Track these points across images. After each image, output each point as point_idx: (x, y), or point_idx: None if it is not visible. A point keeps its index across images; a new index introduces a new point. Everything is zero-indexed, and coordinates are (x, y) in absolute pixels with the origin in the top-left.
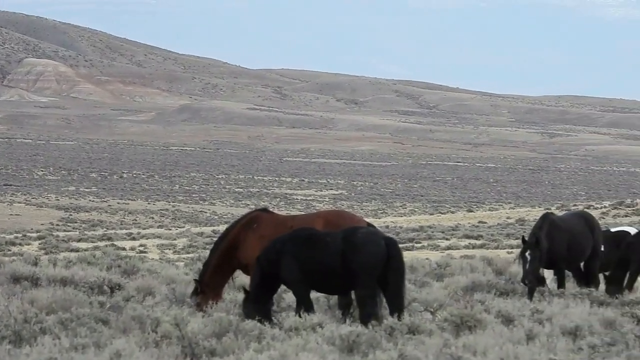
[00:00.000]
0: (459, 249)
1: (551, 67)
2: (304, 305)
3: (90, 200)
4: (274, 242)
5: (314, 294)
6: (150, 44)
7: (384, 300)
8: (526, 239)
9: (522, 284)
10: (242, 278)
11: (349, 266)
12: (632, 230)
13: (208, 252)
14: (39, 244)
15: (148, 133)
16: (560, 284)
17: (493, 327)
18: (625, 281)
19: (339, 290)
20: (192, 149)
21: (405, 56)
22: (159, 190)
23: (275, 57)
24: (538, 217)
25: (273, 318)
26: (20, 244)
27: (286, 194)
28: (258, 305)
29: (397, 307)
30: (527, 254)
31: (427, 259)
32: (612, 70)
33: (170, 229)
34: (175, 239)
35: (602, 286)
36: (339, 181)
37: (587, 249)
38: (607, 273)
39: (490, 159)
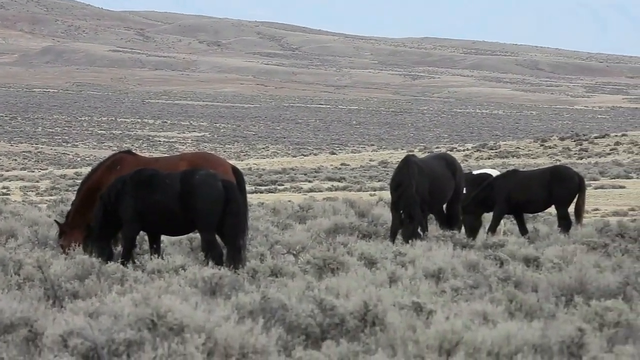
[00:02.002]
0: (321, 191)
1: (414, 9)
2: (125, 244)
3: None
4: (115, 181)
5: (177, 237)
6: None
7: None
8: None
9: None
10: None
11: (187, 208)
12: (494, 173)
13: (71, 194)
14: None
15: (11, 75)
16: (424, 226)
17: (356, 269)
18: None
19: (180, 232)
20: (55, 91)
21: None
22: (22, 132)
23: None
24: (400, 160)
25: (136, 260)
26: None
27: (149, 136)
28: (101, 243)
29: (233, 255)
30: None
31: (289, 201)
32: (475, 12)
33: (33, 171)
34: (38, 181)
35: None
36: (202, 123)
37: (449, 192)
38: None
39: (353, 101)
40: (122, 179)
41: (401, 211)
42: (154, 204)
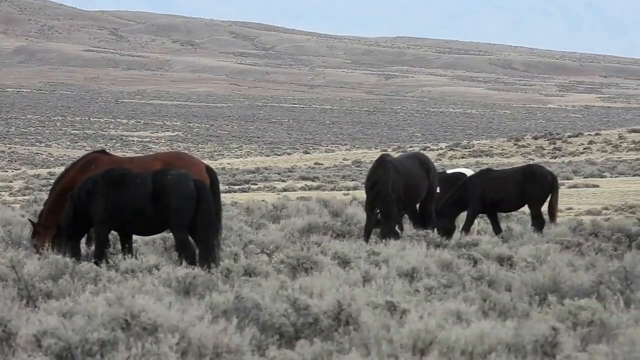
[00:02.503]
0: (295, 190)
1: (387, 8)
2: (97, 244)
3: None
4: (85, 180)
5: (150, 237)
6: None
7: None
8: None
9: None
10: None
11: (159, 208)
12: (468, 172)
13: (44, 194)
14: None
15: None
16: (400, 225)
17: (329, 269)
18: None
19: (151, 231)
20: (28, 90)
21: None
22: None
23: None
24: (374, 159)
25: (110, 260)
26: None
27: (122, 135)
28: (71, 242)
29: (206, 254)
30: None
31: (263, 200)
32: (448, 12)
33: (6, 171)
34: (11, 181)
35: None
36: (175, 123)
37: (423, 191)
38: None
39: (327, 101)
40: (92, 178)
41: (377, 210)
42: (125, 204)
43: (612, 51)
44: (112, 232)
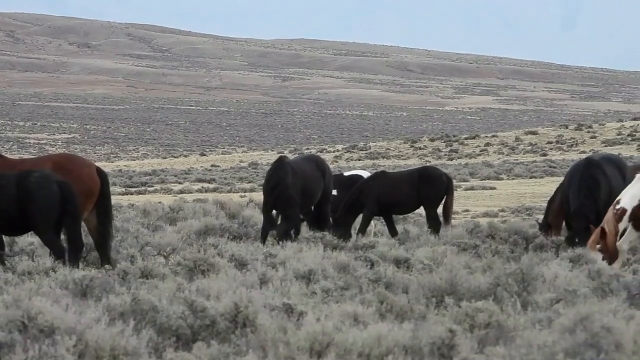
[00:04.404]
0: (192, 192)
1: (284, 10)
2: None
3: None
4: None
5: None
6: None
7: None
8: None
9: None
10: None
11: (22, 210)
12: (365, 174)
13: None
14: None
15: None
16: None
17: (226, 271)
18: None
19: (18, 232)
20: None
21: None
22: None
23: (7, 0)
24: (271, 161)
25: (6, 262)
26: None
27: (19, 137)
28: None
29: (74, 254)
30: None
31: (160, 202)
32: (345, 13)
33: None
34: None
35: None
36: (72, 125)
37: (319, 193)
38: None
39: (223, 103)
40: None
41: (278, 212)
42: None
43: (509, 53)
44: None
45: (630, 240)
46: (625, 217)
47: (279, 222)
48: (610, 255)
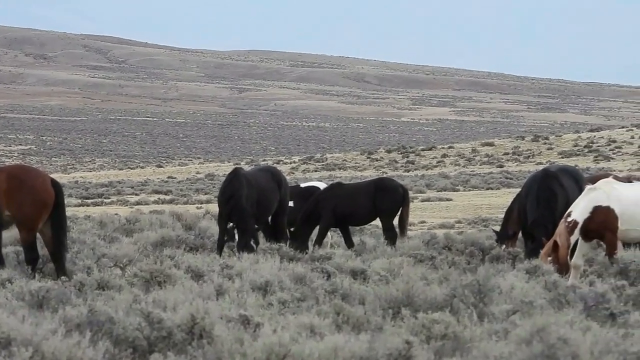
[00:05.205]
0: (148, 204)
1: (240, 21)
2: None
3: None
4: None
5: (4, 251)
6: None
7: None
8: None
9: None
10: None
11: None
12: (322, 186)
13: None
14: None
15: None
16: (256, 238)
17: (183, 282)
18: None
19: None
20: None
21: (95, 10)
22: None
23: None
24: (227, 172)
25: None
26: None
27: None
28: None
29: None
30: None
31: (116, 214)
32: (301, 25)
33: None
34: None
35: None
36: (28, 136)
37: (275, 204)
38: (292, 229)
39: (180, 114)
40: None
41: (232, 224)
42: None
43: (466, 64)
44: None
45: (583, 254)
46: (577, 230)
47: (234, 233)
48: (561, 267)
